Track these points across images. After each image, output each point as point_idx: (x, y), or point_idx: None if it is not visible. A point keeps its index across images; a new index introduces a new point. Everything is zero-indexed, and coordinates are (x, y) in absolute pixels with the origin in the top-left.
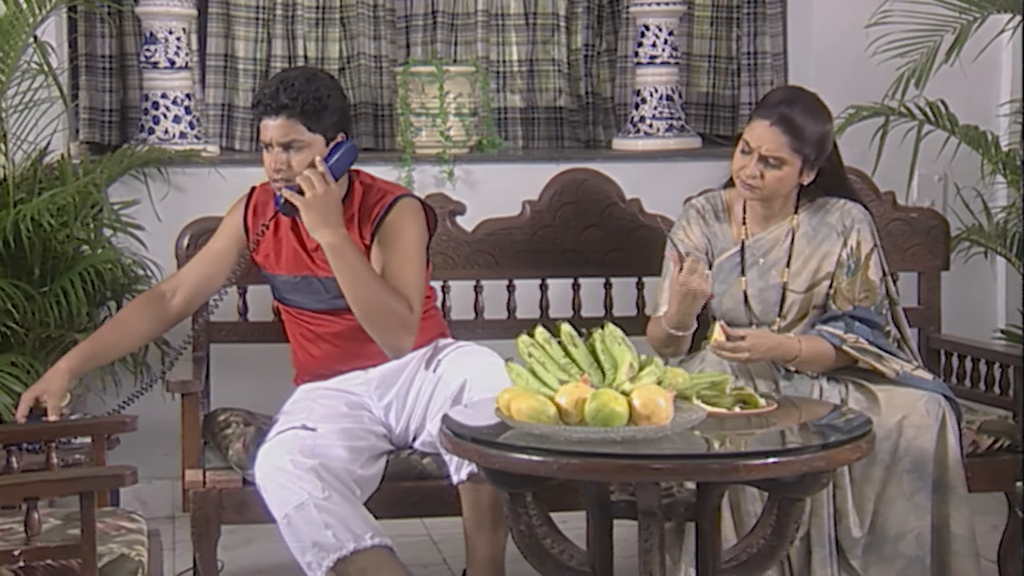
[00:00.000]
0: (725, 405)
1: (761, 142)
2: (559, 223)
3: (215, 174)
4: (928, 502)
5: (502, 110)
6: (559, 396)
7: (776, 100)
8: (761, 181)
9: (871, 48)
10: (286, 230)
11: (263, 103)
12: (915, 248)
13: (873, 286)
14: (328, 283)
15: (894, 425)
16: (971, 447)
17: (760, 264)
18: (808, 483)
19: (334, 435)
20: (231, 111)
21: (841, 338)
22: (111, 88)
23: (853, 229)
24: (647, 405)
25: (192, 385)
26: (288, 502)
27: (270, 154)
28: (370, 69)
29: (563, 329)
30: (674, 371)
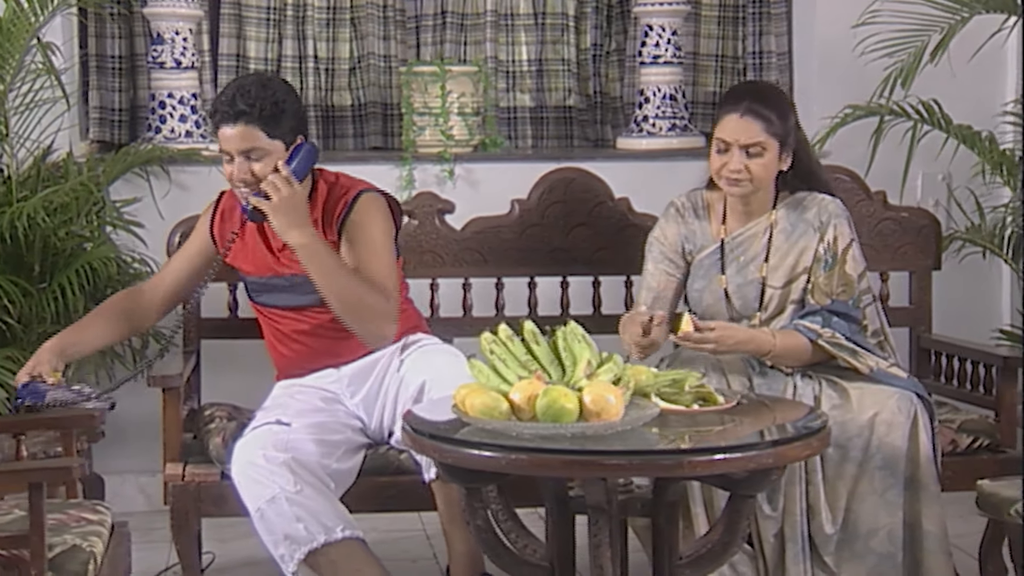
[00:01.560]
0: (684, 402)
1: (737, 135)
2: (548, 222)
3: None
4: (900, 499)
5: (511, 109)
6: (513, 392)
7: (740, 94)
8: (748, 174)
9: (859, 48)
10: (252, 232)
11: (220, 111)
12: (906, 247)
13: (850, 280)
14: (294, 281)
15: (866, 422)
16: (950, 446)
17: (740, 261)
18: (759, 480)
19: (308, 430)
20: None
21: (817, 332)
22: (121, 88)
23: (830, 224)
24: (597, 402)
25: (173, 380)
26: (260, 496)
27: (232, 164)
28: (380, 69)
29: (526, 326)
30: (637, 368)
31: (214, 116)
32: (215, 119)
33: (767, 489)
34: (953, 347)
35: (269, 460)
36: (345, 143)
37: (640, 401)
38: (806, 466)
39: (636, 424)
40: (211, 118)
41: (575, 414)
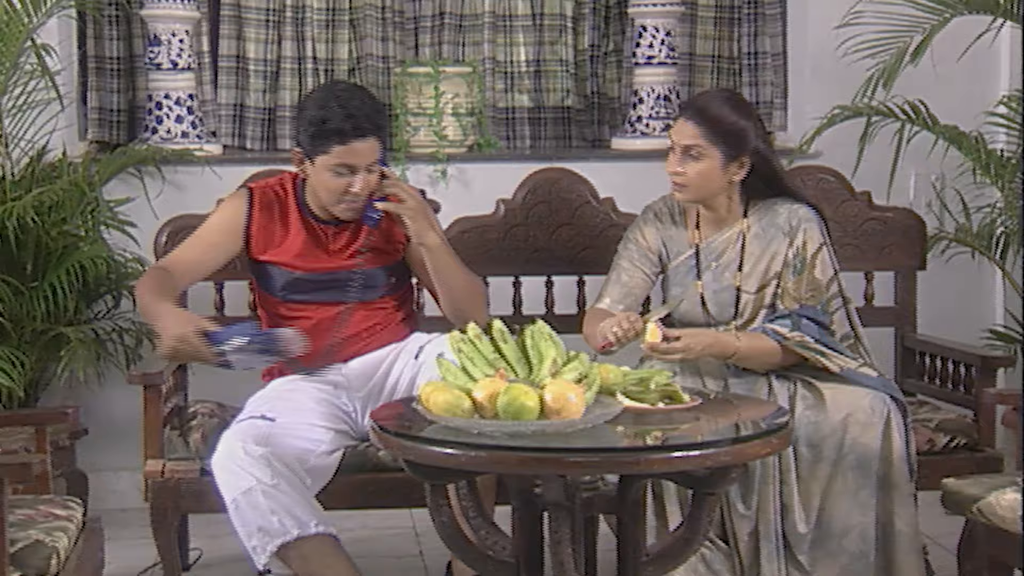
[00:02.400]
0: (649, 401)
1: (679, 137)
2: (532, 222)
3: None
4: (873, 499)
5: (510, 110)
6: (476, 390)
7: (694, 98)
8: (684, 177)
9: (841, 49)
10: (298, 229)
11: (350, 127)
12: (891, 247)
13: (819, 285)
14: (338, 277)
15: (839, 422)
16: (927, 445)
17: (714, 268)
18: (720, 478)
19: (292, 426)
20: (242, 111)
21: (784, 336)
22: (119, 89)
23: (800, 229)
24: (558, 400)
25: (154, 377)
26: (236, 487)
27: (347, 177)
28: (378, 70)
29: (494, 325)
30: (605, 367)
31: (338, 133)
32: (341, 135)
33: (728, 487)
34: (936, 347)
35: (248, 453)
36: None
37: (605, 399)
38: (780, 465)
39: (597, 422)
40: (327, 135)
41: (536, 412)
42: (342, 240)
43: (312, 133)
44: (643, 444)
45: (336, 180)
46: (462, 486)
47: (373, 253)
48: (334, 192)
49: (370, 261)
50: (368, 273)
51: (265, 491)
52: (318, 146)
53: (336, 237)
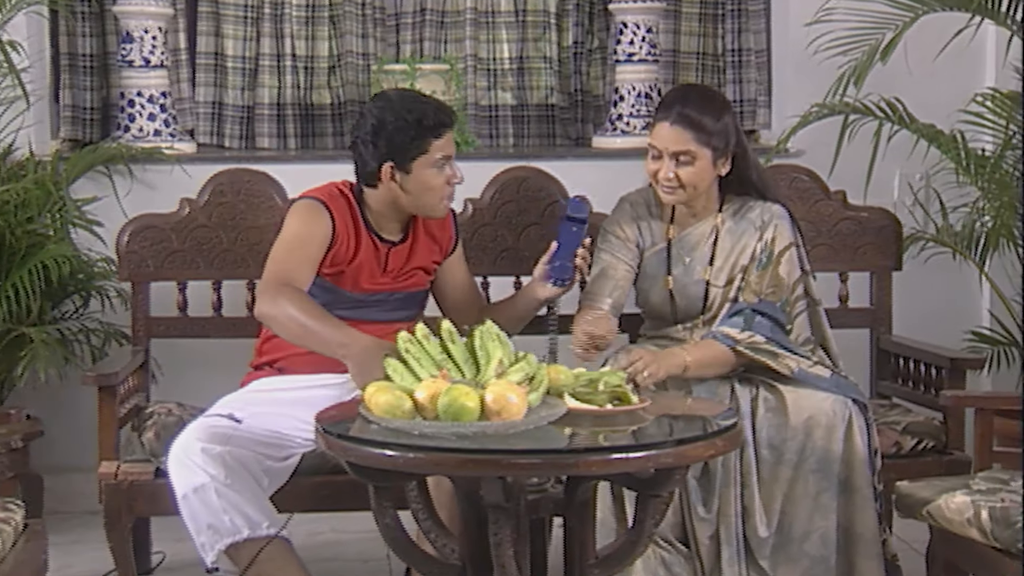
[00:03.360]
0: (598, 402)
1: (667, 143)
2: (500, 221)
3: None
4: (833, 502)
5: (493, 107)
6: (417, 391)
7: (671, 100)
8: (678, 181)
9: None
10: (367, 248)
11: (445, 117)
12: (866, 248)
13: (781, 282)
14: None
15: (801, 425)
16: (894, 448)
17: (685, 262)
18: (663, 479)
19: (258, 430)
20: (220, 109)
21: (734, 339)
22: (92, 86)
23: (770, 224)
24: (498, 401)
25: (109, 378)
26: (189, 482)
27: (447, 171)
28: (358, 67)
29: (443, 326)
30: (556, 368)
31: (433, 127)
32: (432, 131)
33: (673, 488)
34: (909, 349)
35: (205, 451)
36: (324, 142)
37: (551, 400)
38: (741, 468)
39: (540, 423)
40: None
41: (476, 413)
42: (397, 261)
43: (410, 137)
44: (582, 446)
45: (440, 175)
46: (412, 488)
47: (418, 275)
48: (438, 189)
49: (415, 283)
50: (411, 295)
51: (218, 489)
52: (416, 147)
53: (392, 257)
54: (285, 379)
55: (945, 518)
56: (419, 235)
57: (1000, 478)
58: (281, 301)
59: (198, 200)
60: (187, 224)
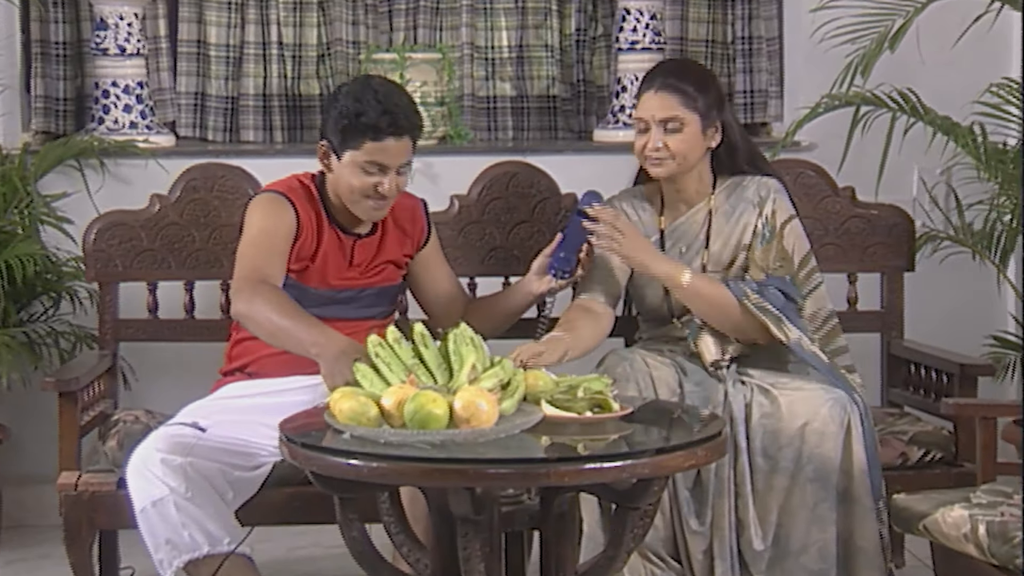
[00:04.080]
0: (576, 409)
1: (653, 110)
2: (488, 219)
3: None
4: (832, 513)
5: (490, 99)
6: (384, 397)
7: (654, 72)
8: (668, 151)
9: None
10: (330, 241)
11: (387, 123)
12: (876, 247)
13: (787, 255)
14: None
15: (796, 431)
16: (900, 459)
17: (680, 251)
18: (641, 491)
19: (224, 439)
20: (203, 100)
21: (745, 293)
22: (65, 76)
23: (769, 198)
24: (467, 408)
25: (69, 384)
26: (148, 495)
27: (375, 177)
28: (349, 56)
29: (415, 329)
30: (535, 374)
31: (372, 129)
32: (371, 132)
33: (651, 500)
34: (920, 354)
35: (165, 462)
36: (312, 135)
37: (528, 408)
38: (735, 478)
39: (512, 431)
40: (361, 130)
41: (444, 420)
42: (364, 255)
43: (344, 126)
44: (554, 455)
45: (363, 178)
46: (384, 499)
47: (389, 268)
48: (358, 190)
49: (386, 278)
50: (382, 291)
51: (178, 502)
52: (349, 141)
53: (359, 251)
54: (255, 384)
55: (942, 533)
56: (388, 227)
57: (1003, 491)
58: (257, 300)
59: (169, 196)
60: (158, 221)
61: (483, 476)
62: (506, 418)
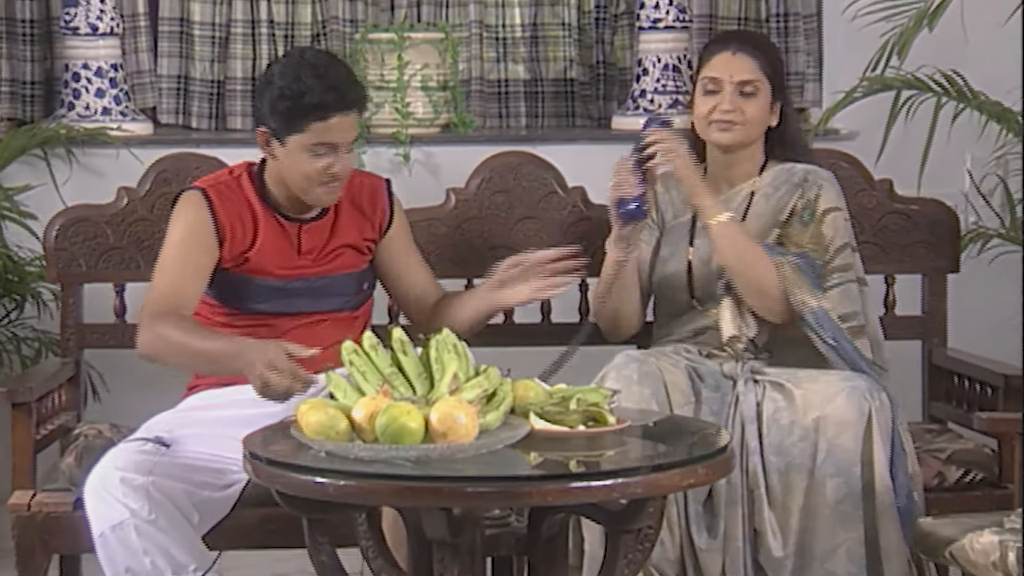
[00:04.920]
0: (569, 423)
1: (730, 71)
2: (488, 214)
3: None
4: (858, 509)
5: (502, 83)
6: (355, 409)
7: (725, 36)
8: (742, 115)
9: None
10: (267, 229)
11: (332, 99)
12: (916, 246)
13: (823, 241)
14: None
15: (811, 424)
16: (936, 479)
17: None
18: (633, 513)
19: (190, 454)
20: (187, 84)
21: (782, 254)
22: (33, 57)
23: (814, 184)
24: (444, 421)
25: (22, 394)
26: (107, 519)
27: (327, 158)
28: (344, 36)
29: (394, 334)
30: (525, 384)
31: (316, 108)
32: (315, 111)
33: (645, 523)
34: (965, 365)
35: (125, 481)
36: None
37: (514, 421)
38: (747, 482)
39: (493, 447)
40: (304, 111)
41: (419, 434)
42: (313, 240)
43: (285, 109)
44: (537, 472)
45: (314, 162)
46: (361, 521)
47: (347, 254)
48: (312, 176)
49: (344, 265)
50: (341, 280)
51: (139, 526)
52: (292, 124)
53: (306, 237)
54: (225, 393)
55: (969, 560)
56: (343, 209)
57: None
58: (158, 334)
59: (138, 189)
60: (125, 217)
61: (460, 495)
62: (490, 432)
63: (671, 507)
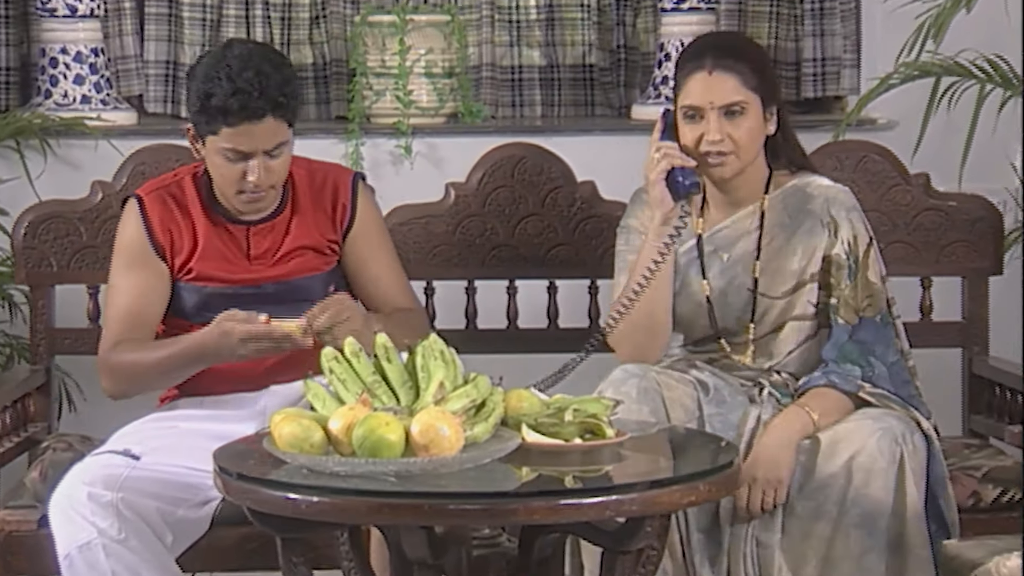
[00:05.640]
0: (564, 436)
1: (710, 96)
2: (490, 211)
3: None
4: (881, 564)
5: (516, 69)
6: (332, 420)
7: (698, 49)
8: (732, 143)
9: None
10: (207, 232)
11: (237, 106)
12: (955, 246)
13: (875, 291)
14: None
15: (841, 468)
16: (971, 499)
17: (723, 260)
18: (629, 532)
19: (161, 467)
20: (176, 69)
21: (858, 384)
22: (9, 41)
23: (844, 219)
24: (426, 433)
25: None
26: (73, 539)
27: (241, 164)
28: (346, 18)
29: (378, 340)
30: (519, 393)
31: (222, 112)
32: (222, 115)
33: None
34: (1008, 375)
35: (93, 498)
36: (305, 111)
37: (505, 433)
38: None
39: (479, 460)
40: (212, 114)
41: (399, 448)
42: (264, 243)
43: (198, 108)
44: (525, 489)
45: (229, 167)
46: (343, 540)
47: (306, 256)
48: (228, 180)
49: (303, 267)
50: (302, 284)
51: (107, 546)
52: (205, 124)
53: (256, 239)
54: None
55: None
56: (301, 205)
57: None
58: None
59: (113, 183)
60: (99, 213)
61: (441, 512)
62: (477, 445)
63: (673, 533)
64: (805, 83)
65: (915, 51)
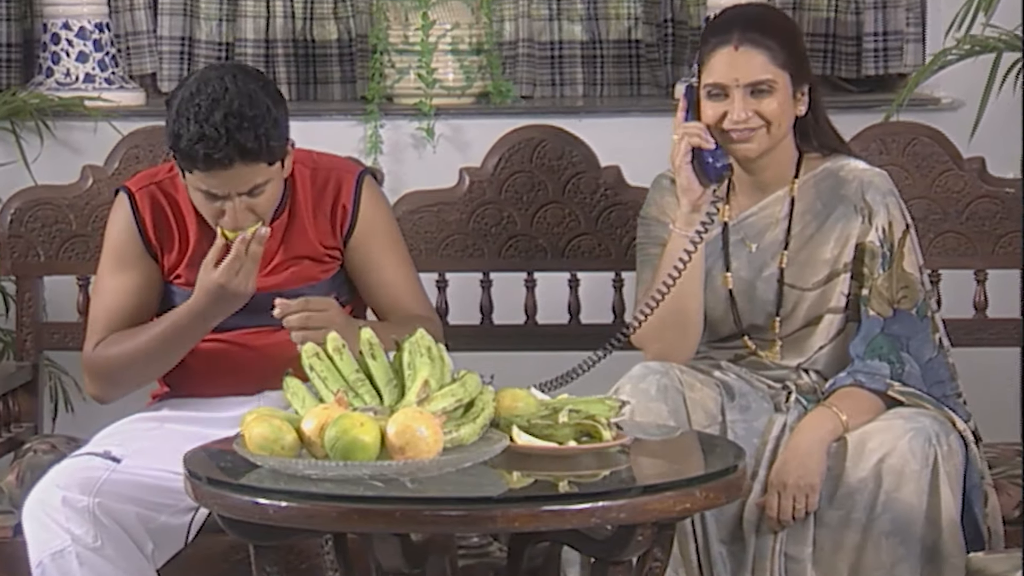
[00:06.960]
0: (559, 438)
1: (735, 74)
2: (507, 198)
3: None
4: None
5: (556, 45)
6: (305, 420)
7: (724, 23)
8: (760, 120)
9: None
10: (200, 235)
11: (203, 152)
12: (1012, 236)
13: (911, 280)
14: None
15: (870, 471)
16: (1017, 510)
17: (751, 250)
18: (621, 541)
19: (142, 471)
20: (191, 46)
21: (887, 383)
22: (10, 16)
23: (880, 204)
24: (402, 434)
25: None
26: (46, 546)
27: (217, 204)
28: None
29: (362, 336)
30: (513, 392)
31: (188, 157)
32: (188, 159)
33: (635, 553)
34: None
35: (68, 503)
36: (329, 91)
37: (495, 435)
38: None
39: (460, 464)
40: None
41: (374, 449)
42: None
43: (170, 145)
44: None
45: (207, 204)
46: (327, 549)
47: (302, 265)
48: (209, 215)
49: (299, 277)
50: (297, 294)
51: (82, 554)
52: (179, 162)
53: None
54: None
55: None
56: (300, 210)
57: None
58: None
59: (105, 168)
60: (90, 199)
61: (416, 519)
62: (462, 448)
63: (688, 544)
64: (866, 59)
65: (965, 24)
